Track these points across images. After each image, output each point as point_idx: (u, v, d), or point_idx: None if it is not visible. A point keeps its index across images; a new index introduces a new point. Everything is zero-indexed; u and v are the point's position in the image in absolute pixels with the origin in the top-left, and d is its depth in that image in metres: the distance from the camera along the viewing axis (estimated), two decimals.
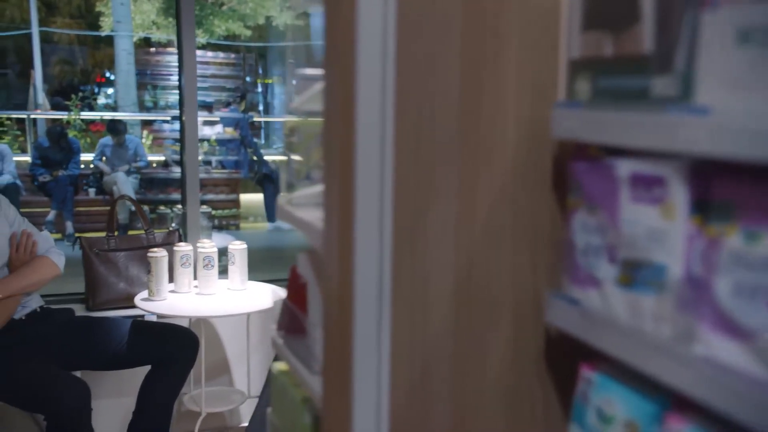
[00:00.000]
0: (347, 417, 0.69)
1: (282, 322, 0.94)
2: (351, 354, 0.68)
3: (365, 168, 0.66)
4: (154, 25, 11.02)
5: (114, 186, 6.60)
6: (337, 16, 0.66)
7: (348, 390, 0.68)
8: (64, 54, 11.72)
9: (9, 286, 2.39)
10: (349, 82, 0.65)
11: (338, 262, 0.69)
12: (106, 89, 11.88)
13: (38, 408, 2.32)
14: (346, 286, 0.68)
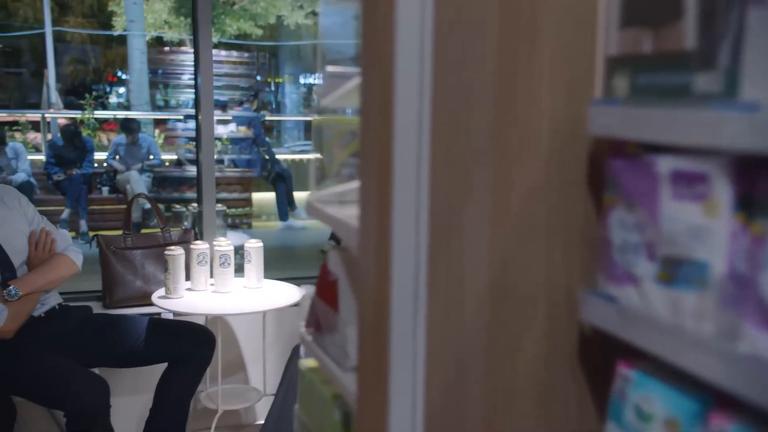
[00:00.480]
0: (383, 414, 0.69)
1: (311, 320, 0.95)
2: (387, 351, 0.68)
3: (403, 165, 0.66)
4: (165, 24, 11.07)
5: (127, 185, 6.64)
6: (375, 15, 0.66)
7: (384, 387, 0.69)
8: (77, 53, 11.80)
9: (29, 283, 2.41)
10: (387, 81, 0.65)
11: (375, 259, 0.69)
12: (118, 88, 11.94)
13: (58, 404, 2.34)
14: (383, 283, 0.68)
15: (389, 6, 0.63)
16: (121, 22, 10.87)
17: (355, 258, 0.86)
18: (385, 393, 0.69)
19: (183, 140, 6.80)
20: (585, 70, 0.72)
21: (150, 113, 9.13)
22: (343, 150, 0.90)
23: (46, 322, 2.49)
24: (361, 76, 0.70)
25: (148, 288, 2.94)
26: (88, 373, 2.35)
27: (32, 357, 2.35)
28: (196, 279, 2.76)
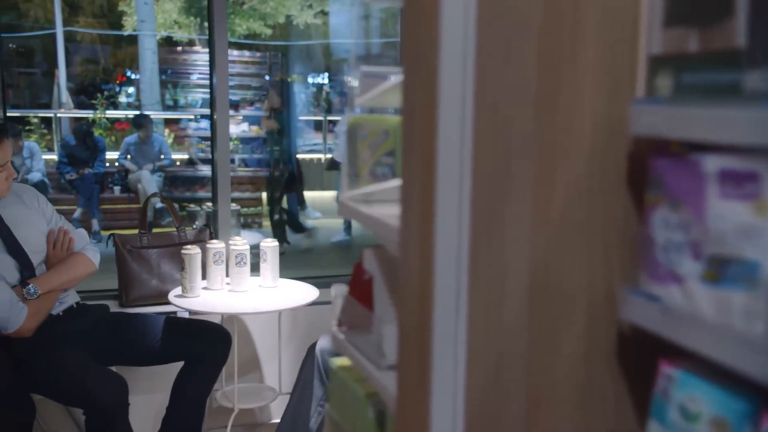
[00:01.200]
0: (424, 413, 0.70)
1: (344, 318, 0.95)
2: (430, 350, 0.68)
3: (446, 164, 0.66)
4: (175, 24, 11.11)
5: (139, 184, 6.66)
6: (418, 13, 0.66)
7: (426, 386, 0.69)
8: (87, 53, 11.85)
9: (48, 282, 2.42)
10: (431, 79, 0.65)
11: (418, 257, 0.69)
12: (127, 88, 11.99)
13: (77, 402, 2.36)
14: (426, 282, 0.68)
15: (433, 4, 0.64)
16: (131, 22, 10.91)
17: (391, 256, 0.86)
18: (427, 392, 0.69)
19: (195, 140, 6.82)
20: (627, 68, 0.72)
21: (161, 113, 9.16)
22: (377, 149, 0.90)
23: (65, 321, 2.51)
24: (404, 74, 0.70)
25: (163, 287, 2.95)
26: (107, 371, 2.37)
27: (51, 355, 2.36)
28: (212, 278, 2.77)
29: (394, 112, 0.96)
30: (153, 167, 6.73)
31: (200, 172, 6.85)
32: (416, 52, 0.68)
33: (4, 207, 2.41)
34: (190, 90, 10.37)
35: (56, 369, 2.33)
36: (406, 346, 0.72)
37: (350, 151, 0.92)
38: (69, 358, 2.37)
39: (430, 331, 0.68)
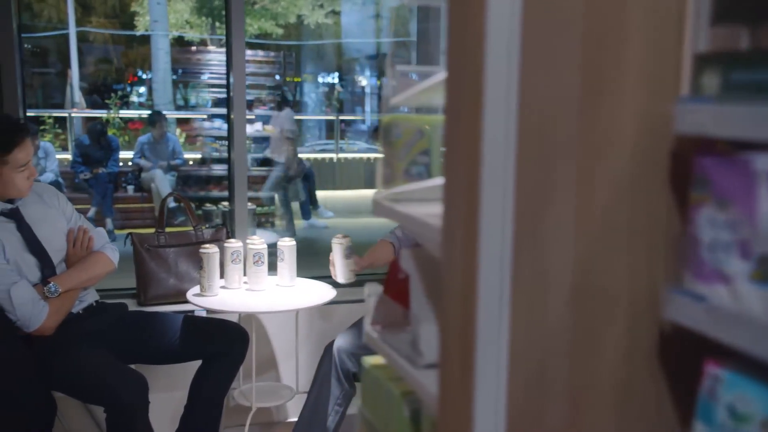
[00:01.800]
0: (467, 412, 0.70)
1: (378, 317, 0.95)
2: (473, 349, 0.68)
3: (491, 163, 0.66)
4: (187, 24, 11.16)
5: (152, 183, 6.69)
6: (464, 13, 0.66)
7: (469, 385, 0.69)
8: (100, 53, 11.92)
9: (68, 280, 2.44)
10: (477, 78, 0.65)
11: (462, 257, 0.69)
12: (138, 88, 12.06)
13: (98, 400, 2.37)
14: (470, 281, 0.68)
15: (480, 6, 0.64)
16: (144, 22, 10.97)
17: (429, 256, 0.86)
18: (470, 391, 0.69)
19: (209, 139, 6.85)
20: (671, 67, 0.72)
21: (174, 112, 9.21)
22: (411, 149, 0.90)
23: (85, 319, 2.52)
24: (448, 74, 0.70)
25: (181, 286, 2.96)
26: (127, 369, 2.38)
27: (72, 353, 2.38)
28: (230, 277, 2.78)
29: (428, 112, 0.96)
30: (168, 166, 6.76)
31: (213, 172, 6.88)
32: (461, 53, 0.68)
33: (25, 206, 2.43)
34: (201, 90, 10.42)
35: (77, 367, 2.34)
36: (449, 346, 0.72)
37: (385, 151, 0.92)
38: (90, 356, 2.39)
39: (473, 330, 0.68)
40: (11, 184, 2.33)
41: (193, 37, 11.33)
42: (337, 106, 10.53)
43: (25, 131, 2.34)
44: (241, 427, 2.98)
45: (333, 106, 10.63)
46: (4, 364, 2.27)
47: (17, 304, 2.26)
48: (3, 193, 2.35)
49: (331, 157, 8.74)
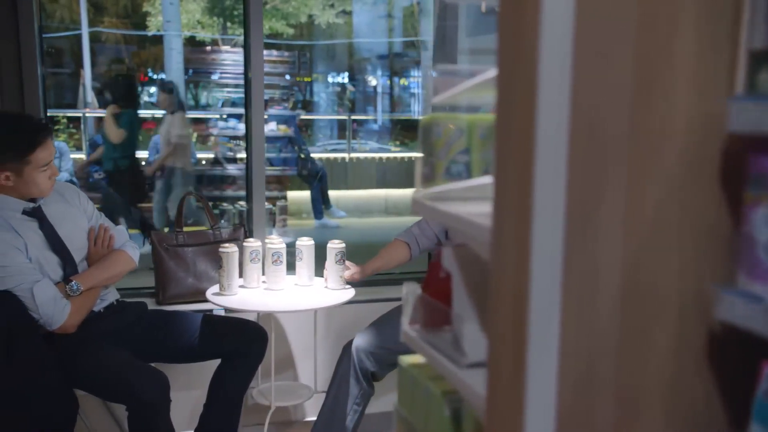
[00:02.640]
0: (518, 412, 0.69)
1: (417, 316, 0.95)
2: (525, 348, 0.68)
3: (543, 163, 0.66)
4: (198, 24, 11.20)
5: None
6: (518, 14, 0.65)
7: (521, 384, 0.69)
8: (112, 54, 11.98)
9: (90, 279, 2.45)
10: (531, 77, 0.65)
11: (514, 256, 0.69)
12: (149, 88, 12.10)
13: (120, 398, 2.39)
14: (522, 280, 0.68)
15: (535, 5, 0.63)
16: (156, 22, 11.01)
17: (472, 255, 0.86)
18: (522, 391, 0.68)
19: (224, 138, 6.86)
20: (724, 65, 0.71)
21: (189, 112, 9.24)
22: (451, 148, 0.90)
23: (106, 318, 2.54)
24: (499, 72, 0.70)
25: (199, 285, 2.97)
26: (149, 367, 2.39)
27: (94, 351, 2.39)
28: (249, 276, 2.78)
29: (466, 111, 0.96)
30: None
31: (226, 171, 6.90)
32: (514, 52, 0.67)
33: (47, 205, 2.44)
34: (211, 90, 10.45)
35: (99, 365, 2.36)
36: (500, 345, 0.72)
37: (425, 150, 0.92)
38: (112, 354, 2.40)
39: (525, 330, 0.68)
40: (33, 183, 2.34)
41: (205, 37, 11.37)
42: (349, 106, 10.54)
43: (47, 131, 2.35)
44: (259, 426, 2.99)
45: (345, 105, 10.63)
46: (27, 362, 2.28)
47: (40, 303, 2.28)
48: (25, 192, 2.36)
49: (343, 157, 8.74)
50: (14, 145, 2.27)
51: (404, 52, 11.40)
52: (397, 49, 11.42)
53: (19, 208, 2.36)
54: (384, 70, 11.05)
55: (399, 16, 11.53)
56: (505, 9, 0.69)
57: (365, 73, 11.14)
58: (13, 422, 2.28)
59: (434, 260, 0.93)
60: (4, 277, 2.26)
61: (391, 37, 11.24)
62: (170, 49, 9.42)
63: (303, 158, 7.18)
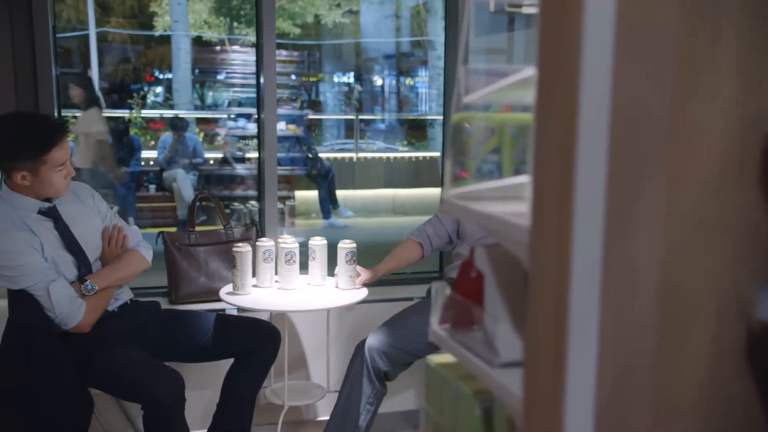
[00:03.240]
0: (558, 411, 0.69)
1: (447, 316, 0.95)
2: (566, 347, 0.68)
3: (585, 162, 0.66)
4: (205, 24, 11.22)
5: (174, 183, 6.74)
6: (560, 13, 0.65)
7: (561, 384, 0.68)
8: (119, 54, 12.01)
9: (104, 278, 2.46)
10: (573, 78, 0.65)
11: (554, 256, 0.69)
12: (155, 88, 12.13)
13: (136, 397, 2.39)
14: (562, 279, 0.68)
15: (578, 5, 0.63)
16: (162, 22, 11.03)
17: (506, 254, 0.86)
18: (561, 390, 0.68)
19: (233, 138, 6.88)
20: (765, 63, 0.71)
21: (195, 113, 9.27)
22: (482, 147, 0.90)
23: (119, 317, 2.54)
24: (539, 71, 0.70)
25: (212, 284, 2.98)
26: (164, 367, 2.40)
27: (109, 350, 2.40)
28: (262, 276, 2.79)
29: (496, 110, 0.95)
30: (190, 163, 6.81)
31: (234, 171, 6.92)
32: (556, 51, 0.67)
33: (62, 204, 2.45)
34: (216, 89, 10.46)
35: (115, 364, 2.36)
36: (539, 345, 0.72)
37: (455, 149, 0.92)
38: (126, 353, 2.41)
39: (565, 328, 0.68)
40: (49, 183, 2.35)
41: (212, 37, 11.39)
42: (356, 106, 10.54)
43: (63, 131, 2.36)
44: (272, 426, 2.99)
45: (352, 105, 10.64)
46: (43, 360, 2.29)
47: (56, 302, 2.29)
48: (41, 192, 2.37)
49: (351, 157, 8.75)
50: (31, 145, 2.28)
51: (411, 52, 11.41)
52: (403, 49, 11.42)
53: (35, 207, 2.37)
54: (391, 69, 11.05)
55: (406, 16, 11.53)
56: (546, 9, 0.68)
57: (372, 72, 11.14)
58: (29, 420, 2.29)
59: (466, 259, 0.93)
60: (21, 276, 2.27)
61: (398, 37, 11.24)
62: (178, 48, 9.44)
63: (311, 158, 7.19)
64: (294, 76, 10.25)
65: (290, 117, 7.34)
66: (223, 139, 7.10)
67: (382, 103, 10.92)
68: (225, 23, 11.29)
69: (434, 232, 2.92)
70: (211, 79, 9.93)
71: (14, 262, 2.26)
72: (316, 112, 10.10)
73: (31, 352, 2.28)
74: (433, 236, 2.92)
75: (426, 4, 10.67)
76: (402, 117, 10.73)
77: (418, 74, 10.68)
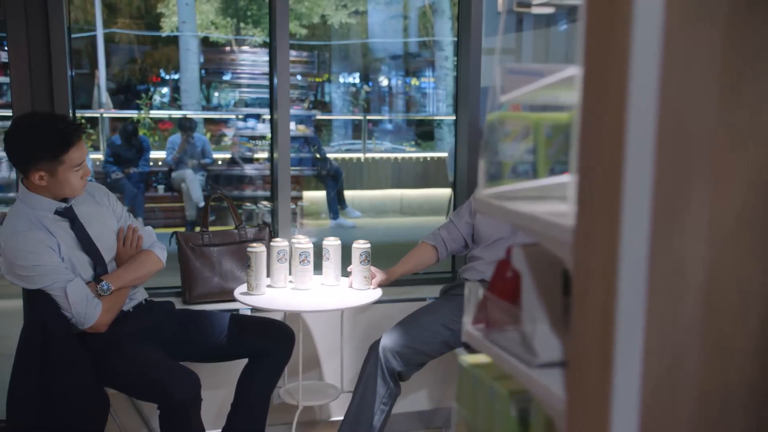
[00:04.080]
0: (604, 411, 0.69)
1: (482, 316, 0.95)
2: (612, 347, 0.68)
3: (633, 162, 0.66)
4: (212, 24, 11.24)
5: (183, 183, 6.75)
6: (610, 14, 0.65)
7: (607, 384, 0.68)
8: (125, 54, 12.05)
9: (120, 278, 2.46)
10: (622, 78, 0.65)
11: (602, 255, 0.69)
12: (161, 88, 12.16)
13: (152, 396, 2.39)
14: (610, 279, 0.67)
15: (627, 7, 0.63)
16: (169, 23, 11.06)
17: (544, 254, 0.86)
18: (608, 391, 0.68)
19: (243, 139, 6.89)
20: None
21: (204, 113, 9.29)
22: (518, 146, 0.90)
23: (135, 317, 2.55)
24: (585, 71, 0.70)
25: (225, 284, 2.98)
26: (180, 366, 2.39)
27: (125, 350, 2.40)
28: (276, 276, 2.79)
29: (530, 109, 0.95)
30: (198, 164, 6.82)
31: (243, 171, 6.93)
32: (604, 52, 0.67)
33: (78, 205, 2.46)
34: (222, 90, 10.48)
35: (132, 364, 2.37)
36: (585, 345, 0.72)
37: (489, 149, 0.92)
38: (143, 353, 2.41)
39: (613, 328, 0.67)
40: (67, 183, 2.35)
41: (219, 38, 11.41)
42: (364, 106, 10.55)
43: (80, 131, 2.36)
44: (285, 426, 2.99)
45: (360, 105, 10.64)
46: (60, 360, 2.30)
47: (73, 302, 2.29)
48: (59, 192, 2.38)
49: (358, 157, 8.75)
50: (49, 146, 2.29)
51: (418, 52, 11.41)
52: (411, 50, 11.42)
53: (52, 208, 2.38)
54: (398, 70, 11.06)
55: (412, 17, 11.54)
56: (593, 9, 0.68)
57: (379, 73, 11.15)
58: (47, 420, 2.29)
59: (502, 259, 0.93)
60: (39, 275, 2.27)
61: (405, 37, 11.24)
62: (186, 49, 9.46)
63: (319, 158, 7.19)
64: (299, 77, 10.25)
65: (299, 117, 7.34)
66: (233, 139, 7.11)
67: (389, 103, 10.92)
68: (231, 24, 11.31)
69: (449, 236, 2.92)
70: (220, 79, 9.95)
71: (32, 262, 2.27)
72: (324, 113, 10.10)
73: (49, 352, 2.29)
74: (448, 240, 2.92)
75: (432, 4, 10.67)
76: (409, 117, 10.73)
77: (425, 75, 10.68)
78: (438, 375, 3.16)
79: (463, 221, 2.92)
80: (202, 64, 9.71)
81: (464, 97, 3.33)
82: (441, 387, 3.22)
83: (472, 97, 3.29)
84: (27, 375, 2.29)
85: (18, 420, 2.30)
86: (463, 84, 3.33)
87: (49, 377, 2.28)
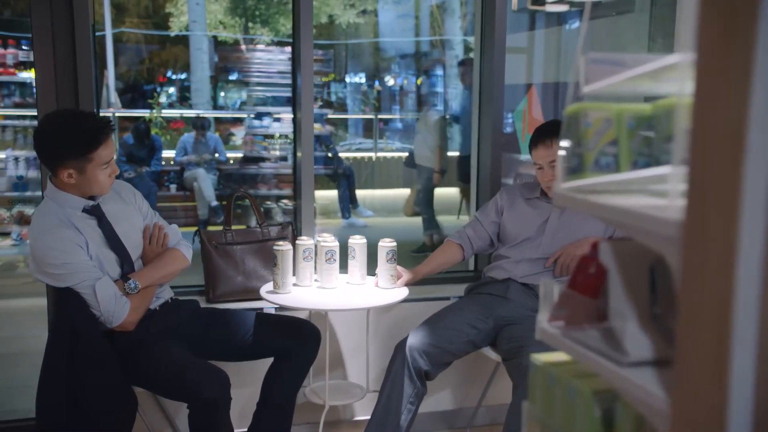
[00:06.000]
0: (719, 411, 0.67)
1: (561, 313, 0.92)
2: (729, 345, 0.65)
3: (755, 153, 0.63)
4: (221, 24, 11.23)
5: (195, 182, 6.74)
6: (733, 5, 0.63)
7: (723, 383, 0.66)
8: (134, 54, 12.04)
9: (147, 277, 2.45)
10: (746, 64, 0.62)
11: (718, 251, 0.66)
12: (168, 88, 12.15)
13: (181, 395, 2.37)
14: (727, 276, 0.65)
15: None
16: (178, 23, 11.05)
17: (634, 249, 0.83)
18: (725, 390, 0.66)
19: (258, 138, 6.87)
20: None
21: (215, 112, 9.26)
22: (600, 138, 0.87)
23: (162, 316, 2.53)
24: (699, 59, 0.67)
25: (248, 283, 2.96)
26: (209, 365, 2.38)
27: (153, 348, 2.38)
28: (302, 274, 2.77)
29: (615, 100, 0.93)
30: (211, 162, 6.81)
31: (254, 170, 6.92)
32: (724, 39, 0.64)
33: (105, 203, 2.44)
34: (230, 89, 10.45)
35: (160, 363, 2.35)
36: (696, 343, 0.69)
37: (570, 141, 0.90)
38: (172, 351, 2.39)
39: (729, 326, 0.65)
40: (95, 181, 2.34)
41: (227, 38, 11.40)
42: (375, 105, 10.53)
43: (109, 129, 2.34)
44: (310, 425, 2.98)
45: (371, 105, 10.62)
46: (89, 359, 2.28)
47: (101, 300, 2.28)
48: (87, 190, 2.36)
49: (370, 156, 8.73)
50: (78, 143, 2.27)
51: (429, 51, 11.38)
52: (421, 48, 11.40)
53: (80, 206, 2.36)
54: (408, 69, 11.04)
55: (421, 16, 11.51)
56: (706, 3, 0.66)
57: (390, 72, 11.12)
58: (76, 419, 2.27)
59: (585, 255, 0.91)
60: (68, 274, 2.26)
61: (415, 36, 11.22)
62: (197, 48, 9.45)
63: (331, 157, 7.17)
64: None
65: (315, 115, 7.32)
66: (247, 138, 7.09)
67: (400, 102, 10.89)
68: (240, 23, 11.30)
69: (475, 235, 2.90)
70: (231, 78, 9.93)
71: (61, 260, 2.25)
72: (335, 112, 10.08)
73: (77, 351, 2.27)
74: (473, 238, 2.90)
75: (442, 3, 10.64)
76: (420, 116, 10.71)
77: (435, 73, 10.66)
78: (461, 375, 3.13)
79: (489, 219, 2.90)
80: (216, 62, 9.68)
81: (487, 96, 3.30)
82: (464, 387, 3.19)
83: (495, 96, 3.27)
84: (56, 374, 2.27)
85: (48, 420, 2.28)
86: (486, 82, 3.30)
87: (78, 376, 2.26)
